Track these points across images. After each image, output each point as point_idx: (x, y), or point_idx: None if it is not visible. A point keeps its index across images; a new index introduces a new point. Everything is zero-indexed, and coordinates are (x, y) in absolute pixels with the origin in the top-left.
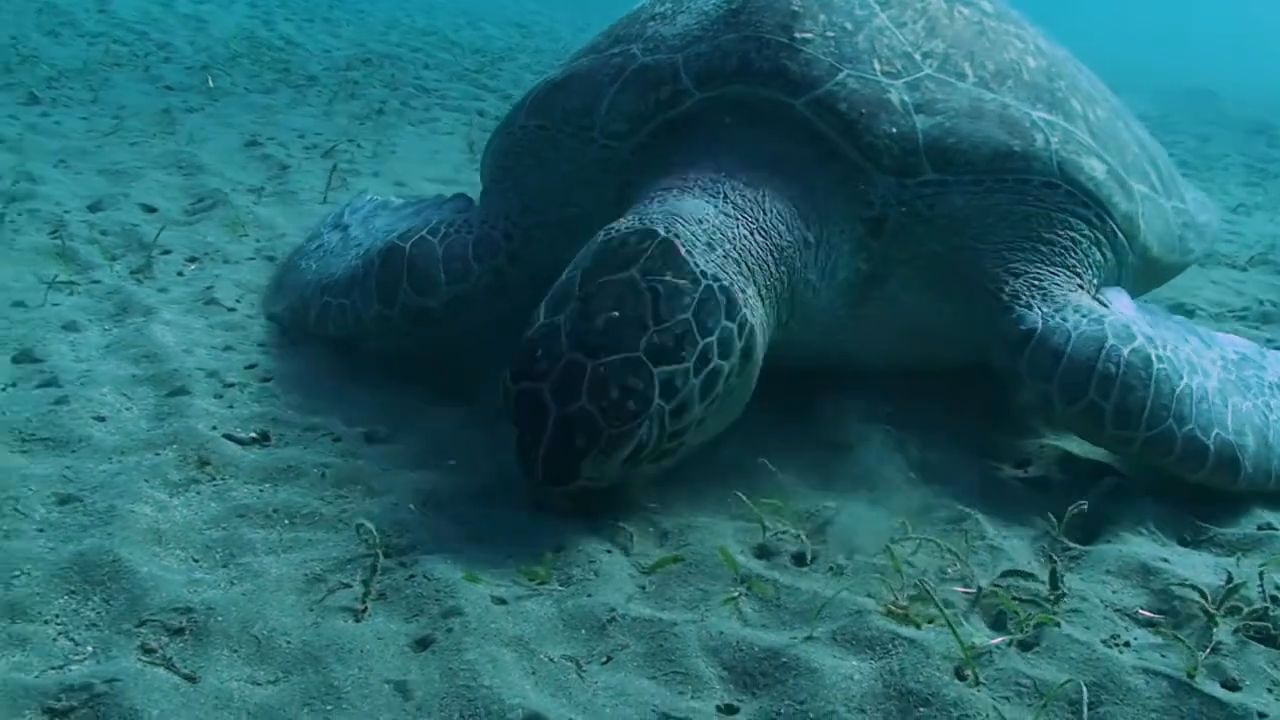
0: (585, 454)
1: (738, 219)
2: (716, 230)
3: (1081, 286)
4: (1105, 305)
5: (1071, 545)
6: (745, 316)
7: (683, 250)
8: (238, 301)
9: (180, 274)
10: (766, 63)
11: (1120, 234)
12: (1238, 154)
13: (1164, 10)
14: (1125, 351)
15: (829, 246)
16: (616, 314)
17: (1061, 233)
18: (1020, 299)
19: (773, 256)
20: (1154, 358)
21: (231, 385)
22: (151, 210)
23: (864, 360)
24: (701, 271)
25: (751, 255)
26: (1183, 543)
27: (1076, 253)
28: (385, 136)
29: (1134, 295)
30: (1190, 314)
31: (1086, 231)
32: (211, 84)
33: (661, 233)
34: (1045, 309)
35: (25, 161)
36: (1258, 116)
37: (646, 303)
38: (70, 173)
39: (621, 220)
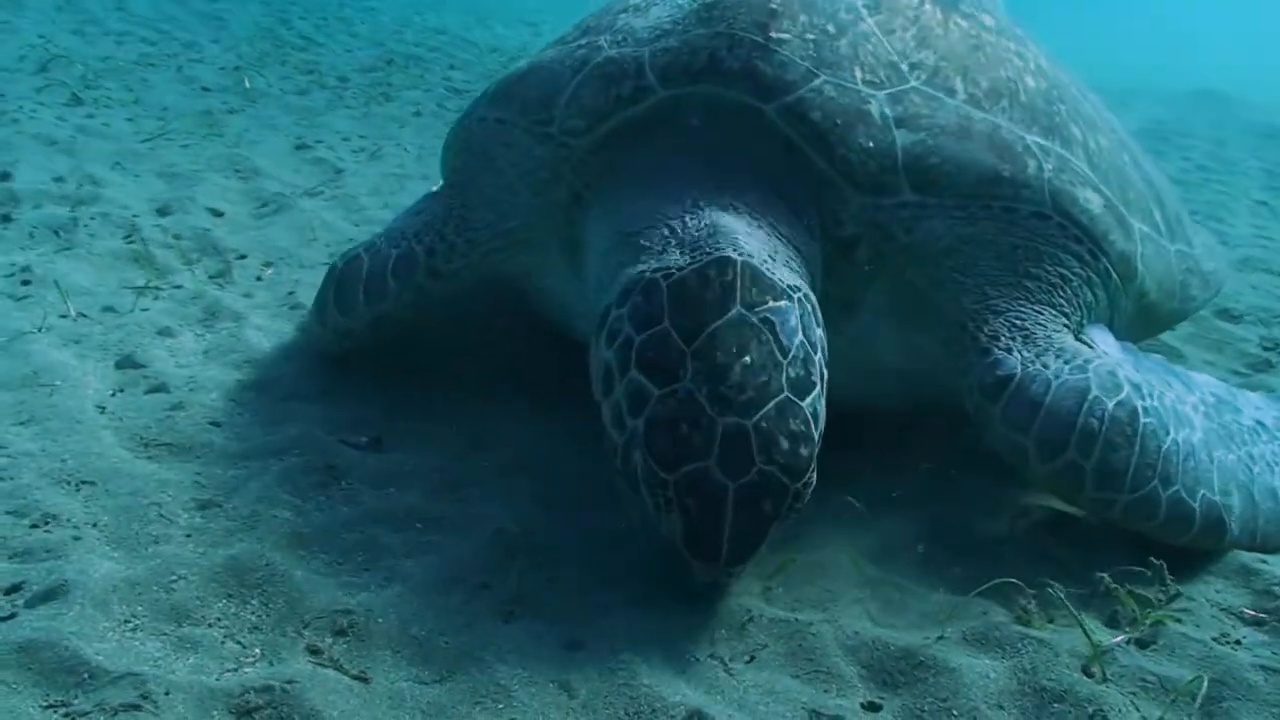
0: (774, 518)
1: (762, 228)
2: (761, 243)
3: (1067, 326)
4: (1090, 346)
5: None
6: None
7: (765, 271)
8: None
9: (259, 278)
10: (737, 62)
11: (1115, 275)
12: (1254, 159)
13: (1163, 9)
14: (1110, 405)
15: (813, 253)
16: (748, 359)
17: (1050, 268)
18: (999, 340)
19: (800, 263)
20: (1140, 410)
21: (331, 390)
22: (219, 214)
23: (836, 399)
24: (788, 286)
25: (792, 261)
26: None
27: (1065, 291)
28: (427, 140)
29: (1127, 338)
30: (1237, 319)
31: (1078, 269)
32: (248, 85)
33: (735, 256)
34: (1025, 353)
35: (83, 164)
36: (1269, 120)
37: (768, 339)
38: (129, 175)
39: (663, 258)
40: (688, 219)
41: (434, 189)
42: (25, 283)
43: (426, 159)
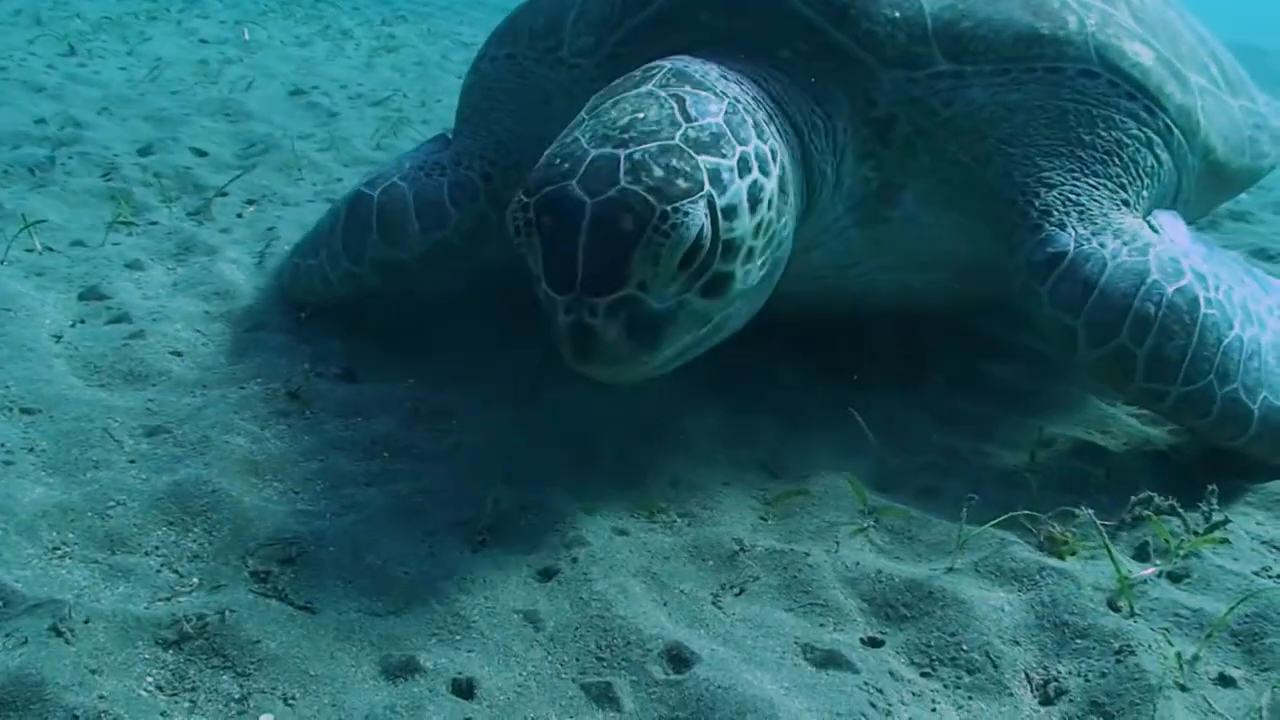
0: (635, 241)
1: (744, 82)
2: (726, 78)
3: (1127, 203)
4: (1155, 230)
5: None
6: (775, 146)
7: (697, 73)
8: None
9: (240, 215)
10: None
11: (1176, 130)
12: None
13: None
14: (1169, 290)
15: (837, 139)
16: (642, 115)
17: (1105, 133)
18: (1051, 215)
19: (787, 119)
20: (1202, 300)
21: (305, 323)
22: (203, 154)
23: (876, 299)
24: (722, 91)
25: (766, 108)
26: None
27: (1122, 157)
28: (430, 87)
29: (1200, 207)
30: (1274, 259)
31: (1135, 130)
32: (247, 36)
33: (669, 64)
34: (1080, 230)
35: (68, 108)
36: None
37: (672, 106)
38: (115, 119)
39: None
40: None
41: (440, 134)
42: None
43: (429, 105)
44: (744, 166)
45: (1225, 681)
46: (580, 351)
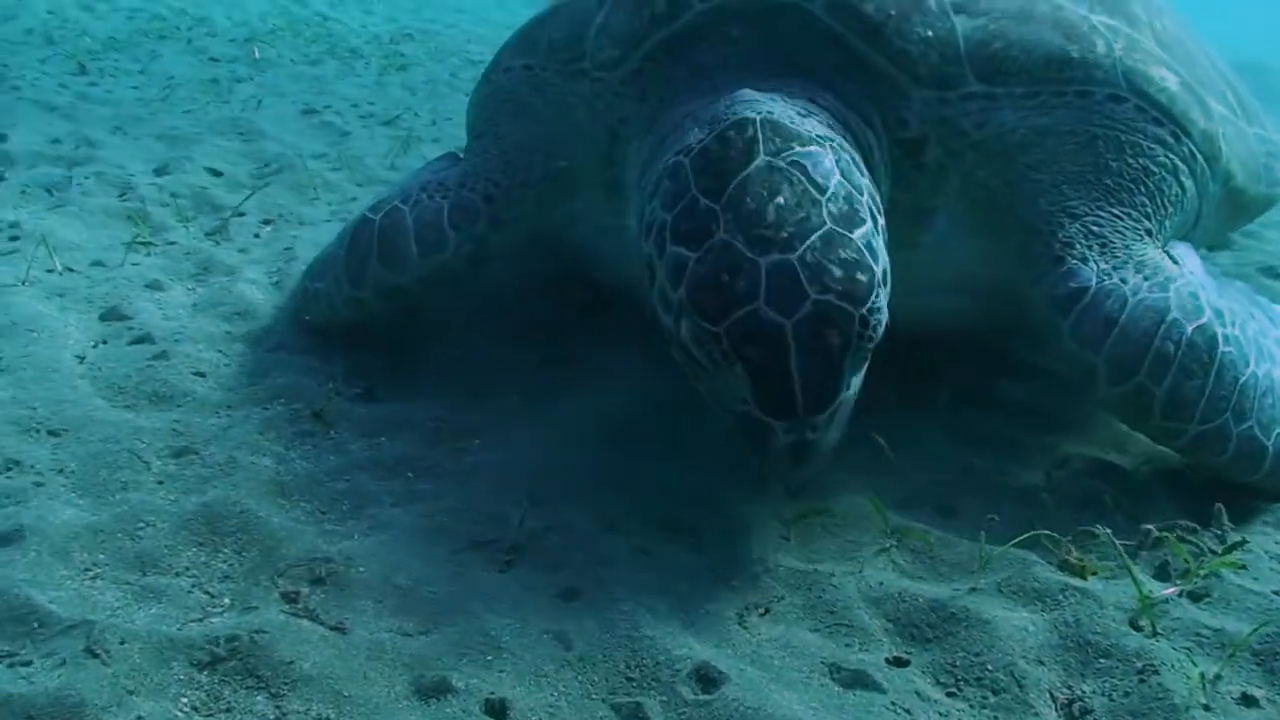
0: (845, 352)
1: (795, 103)
2: (788, 107)
3: (1150, 232)
4: (1176, 263)
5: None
6: (869, 181)
7: (787, 122)
8: None
9: (257, 235)
10: None
11: (1200, 156)
12: None
13: None
14: (1189, 329)
15: (873, 161)
16: (781, 200)
17: (1132, 160)
18: (1074, 248)
19: (854, 143)
20: (1220, 338)
21: (325, 343)
22: (218, 174)
23: (895, 321)
24: (817, 135)
25: (840, 134)
26: None
27: (1148, 185)
28: (440, 105)
29: (1215, 233)
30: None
31: (1161, 157)
32: (258, 55)
33: (753, 115)
34: (1102, 264)
35: (81, 128)
36: None
37: (800, 179)
38: (128, 139)
39: (683, 140)
40: (717, 104)
41: (449, 151)
42: (13, 238)
43: (440, 124)
44: (874, 219)
45: (1248, 701)
46: (798, 464)
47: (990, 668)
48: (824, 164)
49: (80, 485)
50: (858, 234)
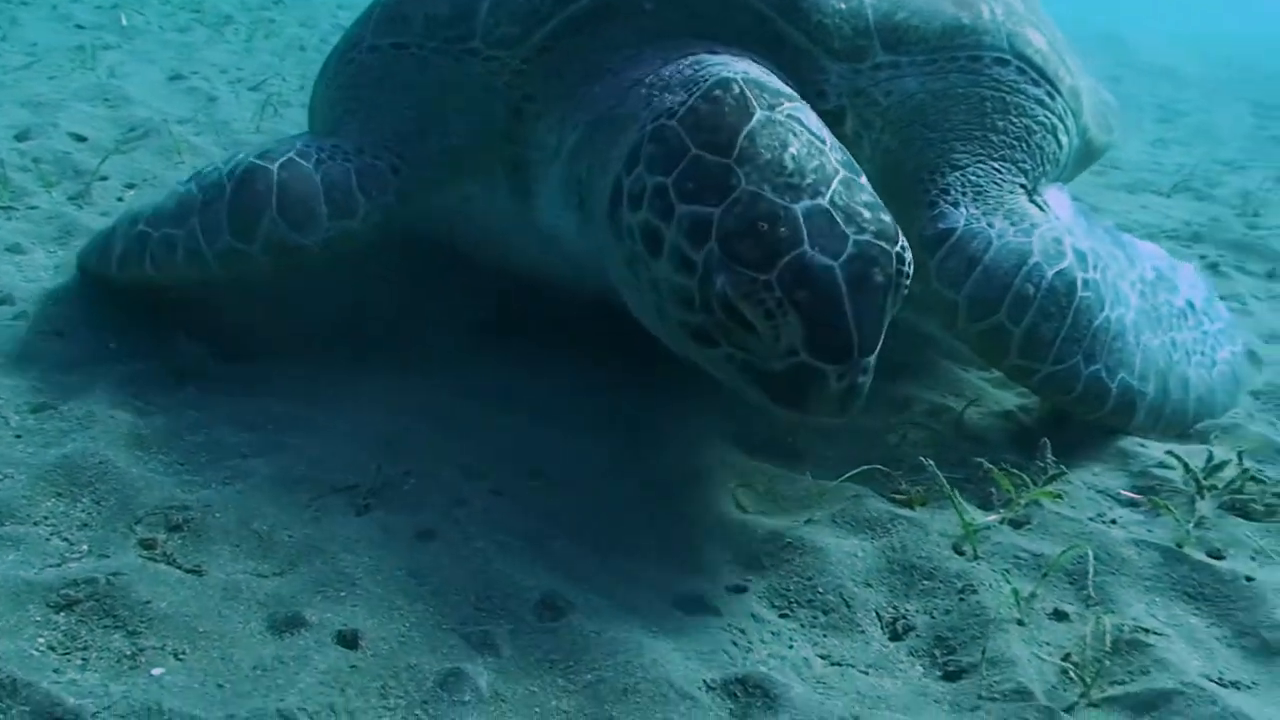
0: (888, 290)
1: (747, 60)
2: (752, 65)
3: (1024, 186)
4: (1043, 209)
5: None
6: None
7: (766, 80)
8: None
9: (120, 200)
10: None
11: (1070, 112)
12: (1147, 95)
13: None
14: (1049, 273)
15: None
16: (794, 150)
17: (1016, 119)
18: (948, 195)
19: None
20: (1079, 283)
21: (200, 303)
22: (82, 139)
23: None
24: (791, 92)
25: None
26: None
27: (1030, 144)
28: (309, 70)
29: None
30: None
31: (1042, 116)
32: (125, 22)
33: (732, 74)
34: (972, 210)
35: None
36: (1163, 61)
37: (801, 130)
38: None
39: (656, 107)
40: (665, 72)
41: (302, 133)
42: None
43: (308, 88)
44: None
45: (1059, 616)
46: (845, 409)
47: (821, 590)
48: (813, 117)
49: None
50: (863, 180)
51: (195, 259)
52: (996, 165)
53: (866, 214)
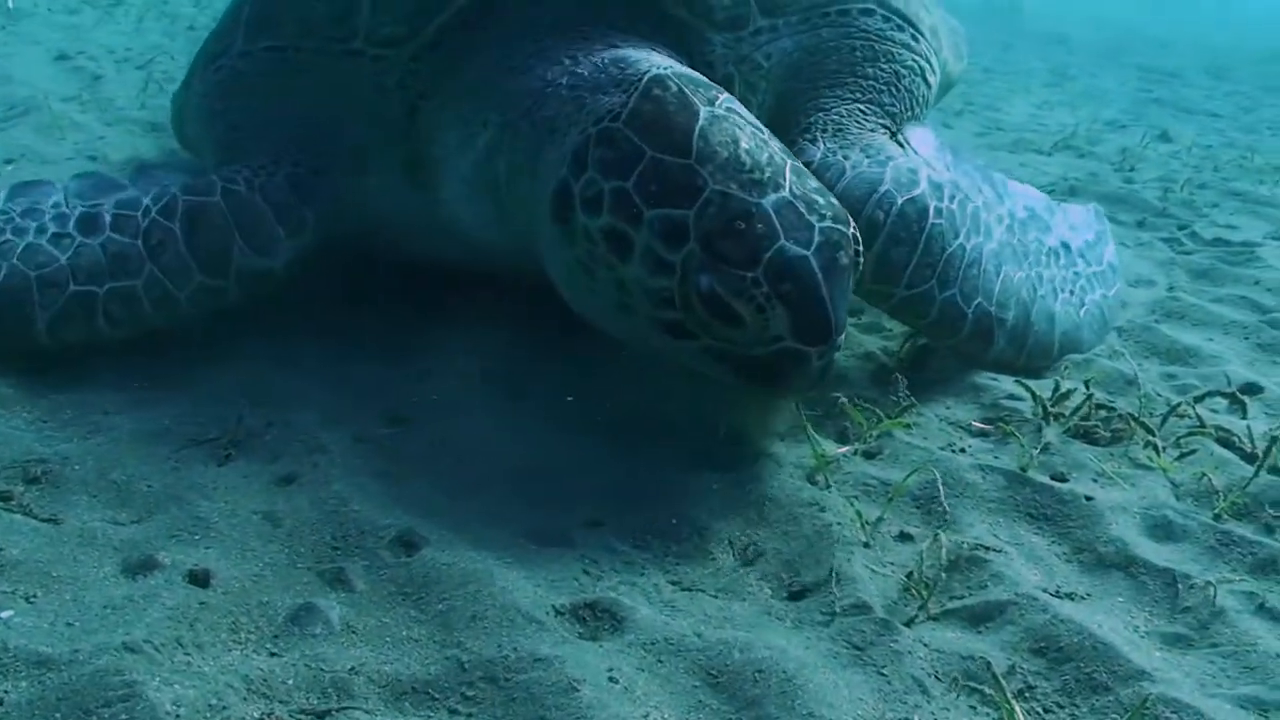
0: (852, 269)
1: (654, 50)
2: (665, 58)
3: (886, 128)
4: (902, 146)
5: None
6: None
7: (694, 74)
8: None
9: None
10: None
11: (934, 53)
12: (1038, 60)
13: None
14: (900, 199)
15: None
16: (745, 145)
17: (885, 65)
18: (808, 133)
19: None
20: (931, 210)
21: None
22: None
23: None
24: (713, 82)
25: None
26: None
27: (898, 88)
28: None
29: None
30: None
31: (910, 60)
32: (11, 5)
33: (660, 71)
34: (830, 145)
35: None
36: (1055, 29)
37: (742, 121)
38: None
39: (592, 109)
40: (583, 70)
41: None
42: None
43: None
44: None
45: (904, 538)
46: (821, 380)
47: (675, 522)
48: (741, 107)
49: None
50: (804, 163)
51: (165, 304)
52: (862, 107)
53: (821, 200)
